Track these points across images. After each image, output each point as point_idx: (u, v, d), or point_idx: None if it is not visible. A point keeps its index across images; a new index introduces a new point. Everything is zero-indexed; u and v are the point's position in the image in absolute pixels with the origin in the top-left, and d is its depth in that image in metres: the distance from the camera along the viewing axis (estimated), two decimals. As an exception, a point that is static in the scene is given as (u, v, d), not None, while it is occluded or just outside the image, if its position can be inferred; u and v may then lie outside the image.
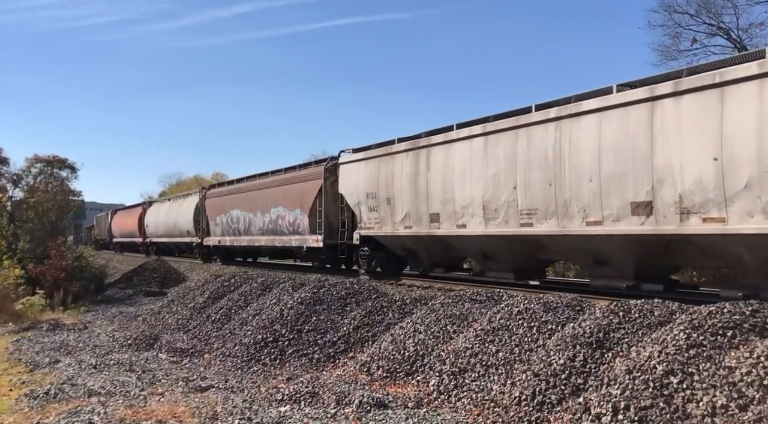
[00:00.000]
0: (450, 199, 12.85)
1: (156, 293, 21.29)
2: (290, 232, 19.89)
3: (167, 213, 33.54)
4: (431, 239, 13.76)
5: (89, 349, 12.19)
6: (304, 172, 19.86)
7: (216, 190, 27.62)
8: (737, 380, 5.58)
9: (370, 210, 15.60)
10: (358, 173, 16.22)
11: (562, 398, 6.57)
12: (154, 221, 35.70)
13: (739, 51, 25.36)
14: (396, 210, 14.59)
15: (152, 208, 37.53)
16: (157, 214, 35.79)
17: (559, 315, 8.33)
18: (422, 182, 13.70)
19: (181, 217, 30.58)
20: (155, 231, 35.37)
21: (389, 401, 7.62)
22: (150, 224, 36.33)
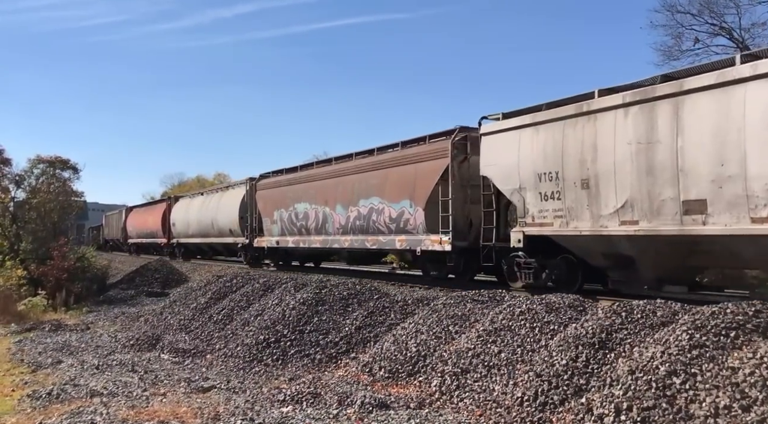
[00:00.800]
0: (736, 177, 8.26)
1: (158, 294, 21.30)
2: (392, 230, 15.31)
3: (201, 209, 28.47)
4: (678, 240, 9.17)
5: (91, 349, 12.20)
6: (416, 150, 14.97)
7: (271, 180, 22.26)
8: (740, 381, 5.57)
9: (545, 198, 11.04)
10: (520, 146, 11.56)
11: (565, 399, 6.56)
12: (183, 218, 30.61)
13: (741, 51, 25.35)
14: (602, 197, 10.04)
15: (180, 205, 32.30)
16: (186, 211, 30.55)
17: (561, 315, 8.32)
18: (664, 152, 9.10)
19: (222, 213, 25.68)
20: (184, 230, 30.56)
21: (391, 401, 7.61)
22: (177, 223, 31.42)
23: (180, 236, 31.36)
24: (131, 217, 42.93)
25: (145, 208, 41.89)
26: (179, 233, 31.39)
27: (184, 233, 30.72)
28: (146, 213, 39.51)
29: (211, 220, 26.59)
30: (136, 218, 41.70)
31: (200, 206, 28.90)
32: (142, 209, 42.51)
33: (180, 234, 31.28)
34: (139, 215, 41.40)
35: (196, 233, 29.04)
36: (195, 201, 30.59)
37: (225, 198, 25.97)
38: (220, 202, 26.10)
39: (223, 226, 25.51)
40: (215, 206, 26.61)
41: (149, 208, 40.55)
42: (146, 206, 42.68)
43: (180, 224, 31.02)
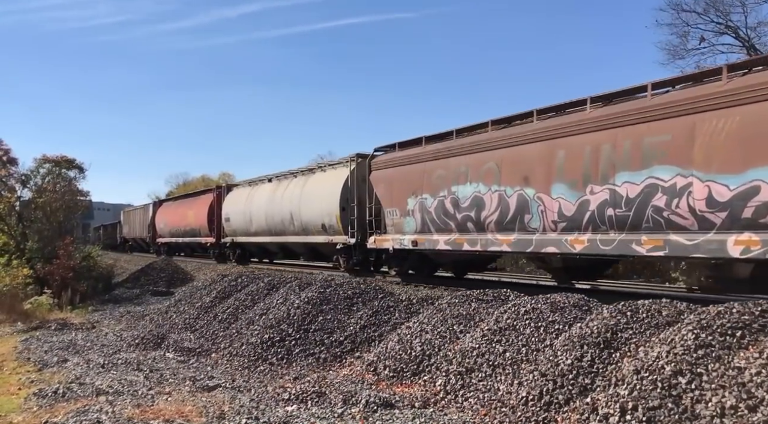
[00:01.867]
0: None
1: (163, 293, 21.37)
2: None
3: (271, 200, 21.50)
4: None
5: (97, 348, 12.25)
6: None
7: (400, 155, 15.06)
8: (746, 381, 5.54)
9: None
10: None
11: (570, 399, 6.54)
12: (242, 212, 23.73)
13: (747, 50, 25.28)
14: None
15: (235, 195, 25.51)
16: (246, 202, 23.55)
17: (566, 315, 8.30)
18: None
19: (309, 204, 18.69)
20: (243, 227, 23.81)
21: (396, 400, 7.62)
22: (233, 217, 24.61)
23: (236, 235, 24.62)
24: (162, 212, 36.67)
25: (181, 202, 34.27)
26: (235, 231, 24.65)
27: (243, 231, 23.94)
28: (184, 207, 32.39)
29: (289, 213, 19.88)
30: (168, 213, 35.13)
31: (269, 196, 21.73)
32: (176, 203, 35.39)
33: (236, 232, 24.54)
34: (173, 210, 34.67)
35: (262, 231, 22.29)
36: (259, 190, 23.09)
37: (315, 184, 18.88)
38: (306, 190, 19.15)
39: (311, 221, 18.55)
40: (296, 195, 19.63)
41: (188, 200, 32.87)
42: (184, 199, 34.67)
43: (237, 219, 24.17)
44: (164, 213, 36.31)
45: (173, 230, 33.57)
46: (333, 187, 17.37)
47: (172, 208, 35.34)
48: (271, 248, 23.29)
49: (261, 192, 22.84)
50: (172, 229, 33.71)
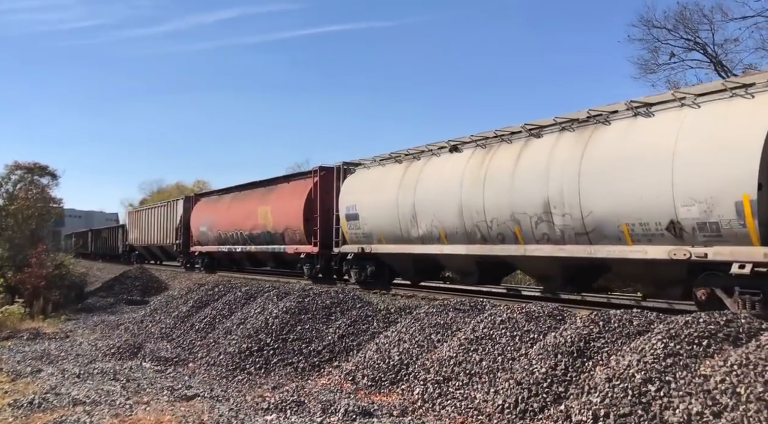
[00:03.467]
0: None
1: (138, 302, 21.20)
2: None
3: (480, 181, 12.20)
4: None
5: (72, 358, 12.13)
6: None
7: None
8: (712, 388, 5.77)
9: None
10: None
11: (544, 406, 6.72)
12: (396, 202, 14.48)
13: (715, 66, 26.03)
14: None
15: (369, 176, 16.34)
16: (398, 186, 14.54)
17: (540, 325, 8.50)
18: None
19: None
20: (395, 229, 14.71)
21: (374, 409, 7.72)
22: (368, 212, 15.64)
23: (372, 240, 15.65)
24: (202, 210, 27.04)
25: (246, 194, 23.94)
26: (370, 235, 15.64)
27: (394, 236, 14.76)
28: (250, 201, 22.80)
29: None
30: (216, 212, 25.31)
31: (478, 174, 12.26)
32: (232, 197, 25.11)
33: (372, 236, 15.59)
34: (224, 206, 24.87)
35: (454, 234, 12.98)
36: (433, 165, 13.90)
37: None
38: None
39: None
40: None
41: (258, 192, 22.83)
42: (250, 190, 23.91)
43: (379, 215, 15.16)
44: (207, 211, 26.39)
45: (226, 234, 24.04)
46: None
47: (223, 205, 25.17)
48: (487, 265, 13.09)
49: (432, 168, 13.81)
50: (224, 233, 24.20)
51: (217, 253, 25.90)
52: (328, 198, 17.97)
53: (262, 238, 21.56)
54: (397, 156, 15.51)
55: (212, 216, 25.85)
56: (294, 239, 19.57)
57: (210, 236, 25.86)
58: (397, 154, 15.53)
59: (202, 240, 26.84)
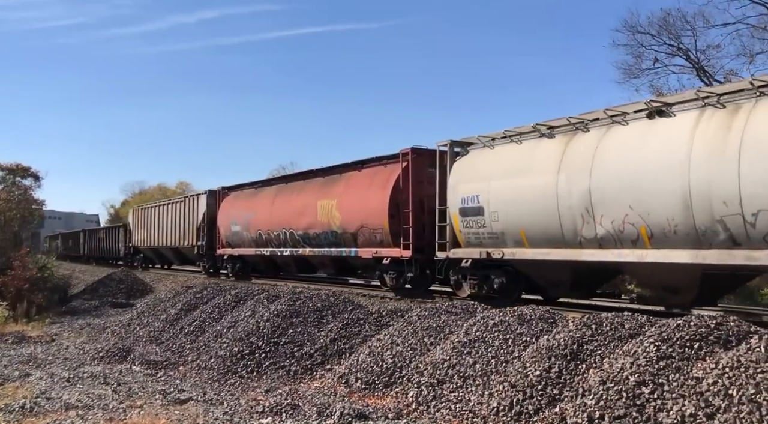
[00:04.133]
0: None
1: (123, 305, 21.02)
2: None
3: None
4: None
5: (59, 362, 12.03)
6: None
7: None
8: (704, 390, 5.90)
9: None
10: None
11: (539, 409, 6.81)
12: (535, 193, 11.35)
13: (697, 71, 26.46)
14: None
15: (488, 157, 12.93)
16: (556, 167, 11.01)
17: (533, 327, 8.61)
18: None
19: None
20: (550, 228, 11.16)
21: (369, 412, 7.76)
22: (498, 206, 12.13)
23: (501, 243, 12.27)
24: (234, 205, 23.24)
25: (294, 186, 20.07)
26: (498, 235, 12.26)
27: (540, 236, 11.47)
28: (303, 194, 18.96)
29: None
30: (255, 207, 21.58)
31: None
32: (275, 189, 21.28)
33: (504, 236, 12.16)
34: (265, 200, 21.10)
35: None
36: (627, 137, 10.28)
37: None
38: None
39: None
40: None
41: (317, 183, 18.80)
42: (301, 180, 20.01)
43: (512, 208, 11.92)
44: (240, 207, 22.57)
45: (269, 235, 20.33)
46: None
47: (264, 199, 21.31)
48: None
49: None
50: (266, 233, 20.51)
51: (254, 256, 22.06)
52: (422, 188, 14.67)
53: (321, 239, 17.72)
54: (546, 127, 11.81)
55: (248, 213, 21.71)
56: (372, 240, 15.78)
57: (245, 236, 21.86)
58: (545, 125, 11.85)
59: (234, 241, 22.78)
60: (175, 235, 27.85)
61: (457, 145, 13.87)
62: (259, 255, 21.52)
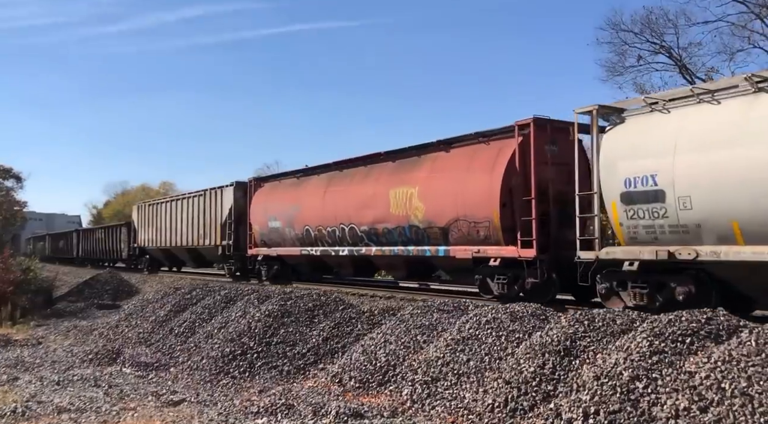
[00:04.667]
0: None
1: (109, 306, 20.86)
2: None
3: None
4: None
5: (48, 365, 11.92)
6: None
7: None
8: (697, 384, 6.00)
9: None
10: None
11: (534, 405, 6.88)
12: None
13: (679, 69, 26.79)
14: None
15: (682, 121, 9.45)
16: None
17: (525, 324, 8.68)
18: None
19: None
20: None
21: (365, 410, 7.78)
22: (698, 189, 8.98)
23: (696, 237, 9.20)
24: (268, 197, 20.06)
25: (360, 171, 16.49)
26: (690, 226, 9.19)
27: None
28: (373, 181, 15.67)
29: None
30: (300, 199, 18.22)
31: None
32: (327, 178, 17.73)
33: (707, 227, 9.05)
34: (317, 191, 17.54)
35: None
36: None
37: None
38: None
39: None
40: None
41: (392, 167, 15.43)
42: (366, 166, 16.45)
43: (731, 185, 8.69)
44: (279, 200, 19.25)
45: (321, 231, 17.02)
46: None
47: (312, 190, 17.86)
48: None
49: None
50: (316, 230, 17.23)
51: (298, 257, 18.61)
52: (545, 170, 11.75)
53: (394, 235, 14.61)
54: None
55: (291, 206, 18.42)
56: (471, 236, 12.67)
57: (287, 234, 18.55)
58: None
59: (271, 240, 19.51)
60: (192, 234, 24.29)
61: (606, 112, 10.68)
62: (306, 255, 18.01)
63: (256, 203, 20.55)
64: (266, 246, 19.96)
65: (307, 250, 17.88)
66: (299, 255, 18.39)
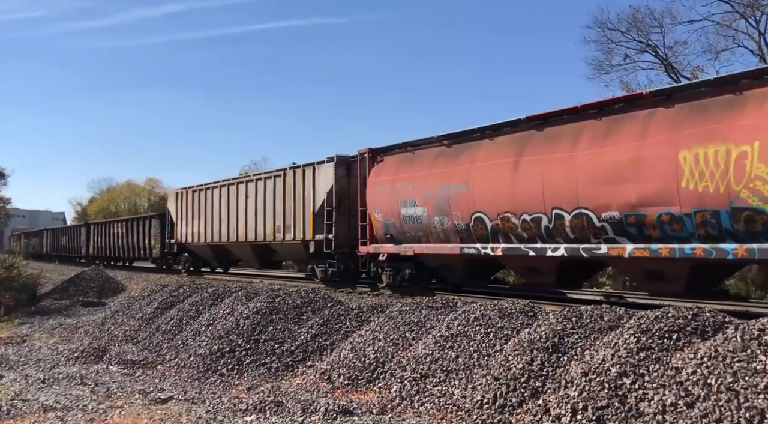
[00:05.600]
0: None
1: (94, 304, 20.71)
2: None
3: None
4: None
5: (33, 363, 11.78)
6: None
7: None
8: (684, 380, 6.05)
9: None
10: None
11: (523, 401, 6.91)
12: None
13: (665, 68, 26.99)
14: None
15: None
16: None
17: (513, 321, 8.72)
18: None
19: None
20: None
21: (354, 408, 7.78)
22: None
23: None
24: (394, 174, 14.83)
25: (609, 123, 10.56)
26: None
27: None
28: (640, 138, 9.87)
29: None
30: (454, 174, 13.04)
31: None
32: (516, 140, 12.12)
33: None
34: (494, 162, 12.27)
35: None
36: None
37: None
38: None
39: None
40: None
41: (679, 109, 9.62)
42: (603, 117, 10.76)
43: None
44: (425, 175, 13.90)
45: (507, 220, 11.98)
46: None
47: (480, 160, 12.71)
48: None
49: None
50: (500, 217, 12.09)
51: (453, 258, 13.57)
52: None
53: (688, 225, 9.36)
54: None
55: (443, 186, 13.18)
56: None
57: (436, 224, 13.39)
58: None
59: (404, 233, 14.39)
60: (263, 226, 19.50)
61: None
62: (470, 255, 12.87)
63: (377, 183, 15.19)
64: (393, 242, 14.75)
65: (474, 247, 12.71)
66: (456, 254, 13.21)
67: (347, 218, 16.52)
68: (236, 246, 21.42)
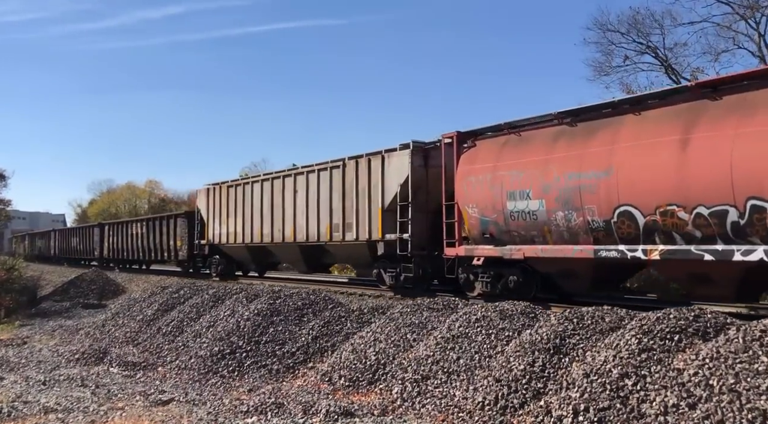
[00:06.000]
0: None
1: (95, 306, 20.71)
2: None
3: None
4: None
5: (33, 365, 11.78)
6: None
7: None
8: (686, 381, 6.04)
9: None
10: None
11: (524, 402, 6.90)
12: None
13: (665, 69, 26.99)
14: None
15: None
16: None
17: (514, 322, 8.71)
18: None
19: None
20: None
21: (355, 409, 7.77)
22: None
23: None
24: (500, 158, 11.93)
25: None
26: None
27: None
28: None
29: None
30: (614, 156, 9.89)
31: None
32: (688, 110, 9.27)
33: None
34: (657, 138, 9.41)
35: None
36: None
37: None
38: None
39: None
40: None
41: None
42: None
43: None
44: (545, 160, 11.04)
45: (672, 212, 9.20)
46: None
47: (623, 135, 9.98)
48: None
49: None
50: (661, 209, 9.31)
51: (578, 262, 10.97)
52: None
53: None
54: None
55: (565, 175, 10.71)
56: None
57: (559, 222, 10.84)
58: None
59: (508, 232, 11.86)
60: (316, 224, 17.07)
61: None
62: (610, 258, 10.28)
63: (471, 172, 12.58)
64: (492, 242, 12.22)
65: (616, 250, 10.13)
66: (585, 258, 10.69)
67: (425, 214, 14.14)
68: (280, 247, 19.00)
